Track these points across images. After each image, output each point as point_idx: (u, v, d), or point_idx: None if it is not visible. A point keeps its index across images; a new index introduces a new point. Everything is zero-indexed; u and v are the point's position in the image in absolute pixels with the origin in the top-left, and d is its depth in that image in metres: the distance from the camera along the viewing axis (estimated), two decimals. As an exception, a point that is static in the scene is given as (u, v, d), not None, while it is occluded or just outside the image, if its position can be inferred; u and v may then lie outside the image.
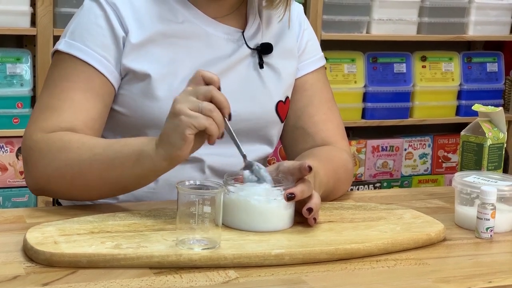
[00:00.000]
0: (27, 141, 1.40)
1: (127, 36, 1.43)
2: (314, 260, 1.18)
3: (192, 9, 1.49)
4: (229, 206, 1.25)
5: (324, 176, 1.40)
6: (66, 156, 1.33)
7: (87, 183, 1.34)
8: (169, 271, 1.11)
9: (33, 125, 1.40)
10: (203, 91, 1.22)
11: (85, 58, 1.42)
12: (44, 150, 1.36)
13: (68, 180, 1.34)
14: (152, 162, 1.26)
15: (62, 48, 1.44)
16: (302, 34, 1.61)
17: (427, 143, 3.37)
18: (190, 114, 1.20)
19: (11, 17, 2.64)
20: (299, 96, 1.59)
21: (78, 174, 1.33)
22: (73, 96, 1.40)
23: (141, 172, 1.29)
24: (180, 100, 1.22)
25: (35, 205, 2.72)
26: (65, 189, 1.37)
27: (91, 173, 1.32)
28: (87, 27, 1.44)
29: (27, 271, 1.09)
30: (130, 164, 1.29)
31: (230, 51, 1.50)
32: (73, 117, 1.39)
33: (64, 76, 1.42)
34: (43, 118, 1.40)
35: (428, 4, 3.15)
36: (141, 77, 1.44)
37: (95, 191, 1.36)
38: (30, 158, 1.38)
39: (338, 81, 3.11)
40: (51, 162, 1.35)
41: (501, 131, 1.58)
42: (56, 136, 1.36)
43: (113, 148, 1.31)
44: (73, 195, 1.40)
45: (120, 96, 1.46)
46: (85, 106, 1.40)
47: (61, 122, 1.38)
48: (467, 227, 1.37)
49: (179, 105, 1.21)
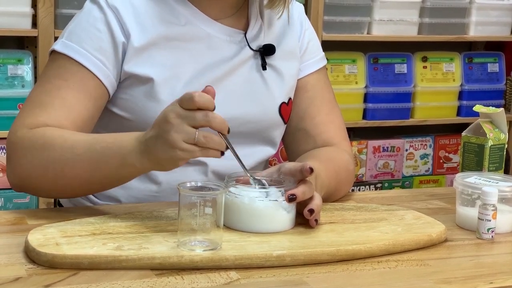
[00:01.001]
0: (11, 136, 1.38)
1: (129, 41, 1.42)
2: (315, 261, 1.18)
3: (194, 10, 1.49)
4: (231, 207, 1.25)
5: (326, 177, 1.40)
6: (48, 154, 1.32)
7: (69, 182, 1.32)
8: (170, 272, 1.11)
9: (20, 120, 1.38)
10: (200, 119, 1.18)
11: (80, 59, 1.41)
12: (27, 147, 1.34)
13: (50, 178, 1.32)
14: (136, 169, 1.27)
15: (58, 49, 1.42)
16: (303, 34, 1.61)
17: (428, 143, 3.37)
18: (185, 148, 1.18)
19: (12, 18, 2.64)
20: (300, 97, 1.59)
21: (60, 174, 1.31)
22: (65, 95, 1.39)
23: (124, 173, 1.29)
24: (175, 127, 1.18)
25: (36, 207, 2.72)
26: (46, 187, 1.35)
27: (74, 173, 1.31)
28: (85, 29, 1.43)
29: (29, 272, 1.09)
30: (113, 167, 1.28)
31: (232, 53, 1.50)
32: (62, 115, 1.37)
33: (58, 74, 1.41)
34: (31, 114, 1.38)
35: (429, 5, 3.15)
36: (143, 81, 1.43)
37: (78, 190, 1.35)
38: (12, 154, 1.36)
39: (339, 81, 3.11)
40: (33, 160, 1.33)
41: (502, 132, 1.58)
42: (39, 132, 1.34)
43: (96, 150, 1.29)
44: (55, 193, 1.39)
45: (123, 100, 1.46)
46: (76, 106, 1.39)
47: (48, 119, 1.36)
48: (468, 228, 1.37)
49: (175, 136, 1.18)
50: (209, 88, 1.21)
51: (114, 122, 1.47)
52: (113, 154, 1.28)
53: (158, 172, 1.46)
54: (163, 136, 1.19)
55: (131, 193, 1.48)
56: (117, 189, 1.48)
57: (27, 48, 2.81)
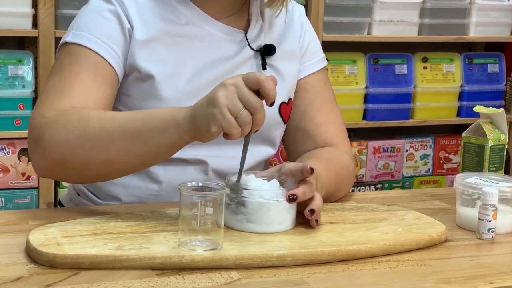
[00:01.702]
0: (38, 119, 1.32)
1: (133, 31, 1.43)
2: (316, 261, 1.18)
3: (195, 9, 1.49)
4: (231, 207, 1.25)
5: (326, 177, 1.40)
6: (86, 125, 1.28)
7: (107, 155, 1.28)
8: (171, 272, 1.12)
9: (43, 106, 1.34)
10: (252, 103, 1.18)
11: (93, 47, 1.40)
12: (61, 123, 1.29)
13: (87, 150, 1.28)
14: (178, 134, 1.24)
15: (69, 40, 1.41)
16: (303, 35, 1.61)
17: (428, 144, 3.37)
18: (225, 115, 1.17)
19: (12, 18, 2.64)
20: (300, 97, 1.59)
21: (98, 145, 1.27)
22: (84, 79, 1.37)
23: (163, 143, 1.25)
24: (226, 93, 1.18)
25: (37, 207, 2.72)
26: (82, 164, 1.30)
27: (112, 143, 1.27)
28: (94, 19, 1.43)
29: (30, 272, 1.10)
30: (154, 134, 1.25)
31: (233, 52, 1.50)
32: (85, 99, 1.35)
33: (72, 61, 1.39)
34: (54, 99, 1.35)
35: (429, 5, 3.15)
36: (145, 78, 1.44)
37: (113, 165, 1.30)
38: (43, 133, 1.30)
39: (339, 82, 3.11)
40: (69, 133, 1.28)
41: (502, 132, 1.58)
42: (73, 110, 1.31)
43: (137, 118, 1.28)
44: (89, 172, 1.32)
45: (125, 97, 1.46)
46: (96, 90, 1.37)
47: (73, 101, 1.34)
48: (468, 228, 1.37)
49: (223, 99, 1.17)
50: (273, 77, 1.21)
51: None
52: (155, 120, 1.25)
53: (159, 171, 1.47)
54: (213, 95, 1.19)
55: (132, 192, 1.48)
56: (118, 188, 1.49)
57: (27, 48, 2.81)
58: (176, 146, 1.27)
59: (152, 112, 1.29)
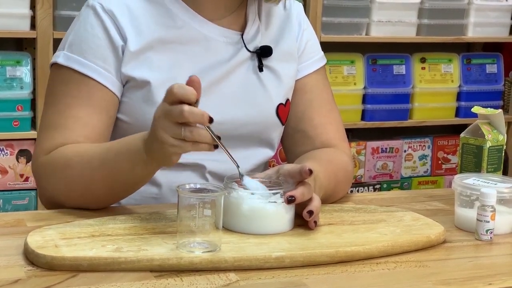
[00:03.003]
0: (34, 164, 1.44)
1: (126, 44, 1.42)
2: (314, 263, 1.18)
3: (190, 12, 1.48)
4: (230, 209, 1.25)
5: (324, 179, 1.40)
6: (69, 173, 1.36)
7: (94, 194, 1.36)
8: (169, 274, 1.11)
9: (39, 147, 1.43)
10: (176, 114, 1.17)
11: (84, 71, 1.41)
12: (49, 173, 1.39)
13: (77, 195, 1.37)
14: (146, 168, 1.30)
15: (61, 62, 1.43)
16: (301, 34, 1.60)
17: (426, 144, 3.37)
18: (173, 143, 1.19)
19: (11, 20, 2.64)
20: (299, 98, 1.59)
21: (84, 188, 1.36)
22: (77, 113, 1.41)
23: (139, 174, 1.32)
24: (161, 125, 1.19)
25: (35, 208, 2.72)
26: (76, 203, 1.39)
27: (96, 185, 1.35)
28: (85, 38, 1.43)
29: (28, 274, 1.10)
30: (127, 171, 1.31)
31: (229, 54, 1.50)
32: (77, 134, 1.40)
33: (66, 92, 1.42)
34: (48, 137, 1.41)
35: (427, 6, 3.15)
36: (141, 84, 1.43)
37: (104, 199, 1.38)
38: (38, 180, 1.43)
39: (337, 83, 3.11)
40: (57, 182, 1.38)
41: (500, 133, 1.58)
42: (57, 154, 1.38)
43: (109, 159, 1.33)
44: (88, 205, 1.39)
45: (121, 103, 1.46)
46: (90, 122, 1.41)
47: (65, 140, 1.40)
48: (467, 229, 1.37)
49: (162, 133, 1.19)
50: (193, 77, 1.20)
51: (114, 126, 1.47)
52: (124, 158, 1.30)
53: (158, 174, 1.46)
54: (154, 133, 1.21)
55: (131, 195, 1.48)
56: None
57: (25, 49, 2.81)
58: (150, 175, 1.34)
59: (120, 149, 1.32)
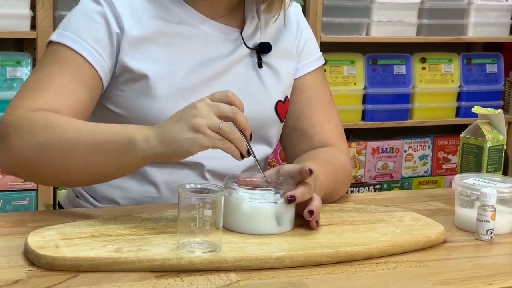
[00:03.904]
0: (8, 116, 1.34)
1: (123, 33, 1.42)
2: (314, 263, 1.18)
3: (189, 9, 1.49)
4: (230, 209, 1.25)
5: (324, 178, 1.40)
6: (50, 133, 1.28)
7: (66, 165, 1.29)
8: (170, 274, 1.11)
9: (16, 103, 1.36)
10: (226, 109, 1.19)
11: (76, 47, 1.40)
12: (27, 126, 1.30)
13: (48, 159, 1.28)
14: (142, 154, 1.23)
15: (55, 39, 1.42)
16: (300, 34, 1.61)
17: (427, 144, 3.37)
18: (208, 133, 1.18)
19: (11, 20, 2.64)
20: (297, 97, 1.59)
21: (58, 154, 1.28)
22: (61, 81, 1.37)
23: (126, 162, 1.26)
24: (201, 113, 1.19)
25: (35, 209, 2.72)
26: (42, 169, 1.30)
27: (73, 155, 1.27)
28: (82, 20, 1.43)
29: (28, 275, 1.10)
30: (117, 152, 1.25)
31: (228, 50, 1.50)
32: (58, 100, 1.35)
33: (54, 61, 1.40)
34: (27, 97, 1.36)
35: (428, 6, 3.15)
36: (138, 77, 1.43)
37: (72, 175, 1.31)
38: (9, 132, 1.31)
39: (337, 83, 3.11)
40: (32, 139, 1.29)
41: (500, 133, 1.58)
42: (41, 114, 1.32)
43: (101, 132, 1.28)
44: (48, 176, 1.33)
45: (118, 97, 1.46)
46: (72, 93, 1.37)
47: (45, 103, 1.34)
48: (467, 229, 1.37)
49: (199, 120, 1.18)
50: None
51: (109, 119, 1.46)
52: (121, 137, 1.25)
53: (157, 174, 1.46)
54: (187, 120, 1.19)
55: (130, 195, 1.48)
56: (115, 191, 1.49)
57: (26, 50, 2.81)
58: (136, 166, 1.29)
59: (115, 130, 1.28)
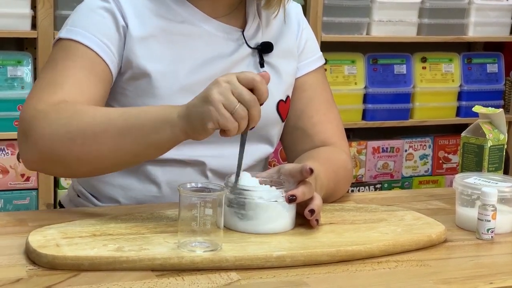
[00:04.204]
0: (29, 111, 1.31)
1: (128, 28, 1.42)
2: (315, 262, 1.18)
3: (190, 8, 1.49)
4: (231, 208, 1.25)
5: (325, 178, 1.40)
6: (78, 120, 1.27)
7: (98, 150, 1.27)
8: (171, 273, 1.12)
9: (35, 98, 1.33)
10: (247, 98, 1.18)
11: (87, 43, 1.40)
12: (53, 116, 1.29)
13: (78, 145, 1.26)
14: (172, 131, 1.23)
15: (64, 35, 1.42)
16: (301, 33, 1.61)
17: (427, 144, 3.37)
18: (221, 111, 1.17)
19: (11, 20, 2.64)
20: (298, 96, 1.59)
21: (90, 139, 1.26)
22: (76, 74, 1.37)
23: (157, 140, 1.25)
24: (220, 90, 1.18)
25: (36, 208, 2.73)
26: (72, 157, 1.28)
27: (105, 139, 1.26)
28: (89, 16, 1.43)
29: (29, 274, 1.10)
30: (148, 130, 1.24)
31: (230, 50, 1.50)
32: (77, 93, 1.34)
33: (66, 56, 1.39)
34: (46, 92, 1.34)
35: (428, 6, 3.15)
36: (141, 75, 1.44)
37: (105, 159, 1.29)
38: (32, 126, 1.29)
39: (338, 82, 3.11)
40: (60, 128, 1.27)
41: (501, 132, 1.58)
42: (65, 105, 1.31)
43: (131, 114, 1.27)
44: (78, 165, 1.31)
45: (121, 95, 1.46)
46: (89, 86, 1.37)
47: (66, 95, 1.33)
48: (468, 228, 1.37)
49: (217, 96, 1.18)
50: (266, 73, 1.21)
51: None
52: (150, 117, 1.25)
53: (158, 173, 1.47)
54: (207, 93, 1.19)
55: (131, 194, 1.49)
56: (117, 190, 1.49)
57: (26, 49, 2.81)
58: (169, 144, 1.26)
59: (146, 109, 1.29)
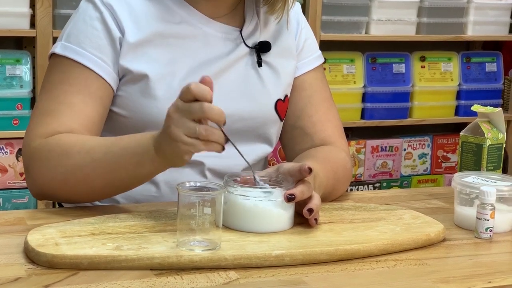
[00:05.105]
0: (27, 148, 1.40)
1: (124, 36, 1.43)
2: (314, 261, 1.18)
3: (189, 9, 1.49)
4: (230, 207, 1.25)
5: (324, 177, 1.40)
6: (67, 161, 1.33)
7: (91, 187, 1.34)
8: (170, 272, 1.12)
9: (32, 131, 1.40)
10: (195, 110, 1.17)
11: (81, 60, 1.41)
12: (44, 158, 1.36)
13: (72, 185, 1.35)
14: (154, 166, 1.28)
15: (58, 51, 1.43)
16: (300, 32, 1.61)
17: (426, 143, 3.37)
18: (187, 141, 1.18)
19: (10, 18, 2.64)
20: (297, 95, 1.59)
21: (81, 180, 1.34)
22: (71, 100, 1.40)
23: (143, 172, 1.31)
24: (174, 122, 1.18)
25: (35, 207, 2.72)
26: (69, 194, 1.38)
27: (94, 178, 1.33)
28: (83, 29, 1.43)
29: (28, 273, 1.10)
30: (131, 167, 1.30)
31: (228, 50, 1.50)
32: (71, 120, 1.39)
33: (62, 79, 1.42)
34: (41, 123, 1.39)
35: (427, 4, 3.15)
36: (138, 78, 1.44)
37: (100, 193, 1.37)
38: (31, 166, 1.38)
39: (337, 81, 3.11)
40: (52, 169, 1.35)
41: (500, 131, 1.58)
42: (55, 140, 1.36)
43: (113, 152, 1.31)
44: (77, 199, 1.40)
45: (119, 97, 1.46)
46: (84, 110, 1.40)
47: (59, 126, 1.38)
48: (466, 227, 1.37)
49: (175, 130, 1.18)
50: (206, 78, 1.20)
51: (110, 120, 1.47)
52: (130, 154, 1.29)
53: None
54: (166, 131, 1.20)
55: (130, 193, 1.48)
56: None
57: (25, 48, 2.81)
58: (156, 173, 1.33)
59: (126, 146, 1.31)
